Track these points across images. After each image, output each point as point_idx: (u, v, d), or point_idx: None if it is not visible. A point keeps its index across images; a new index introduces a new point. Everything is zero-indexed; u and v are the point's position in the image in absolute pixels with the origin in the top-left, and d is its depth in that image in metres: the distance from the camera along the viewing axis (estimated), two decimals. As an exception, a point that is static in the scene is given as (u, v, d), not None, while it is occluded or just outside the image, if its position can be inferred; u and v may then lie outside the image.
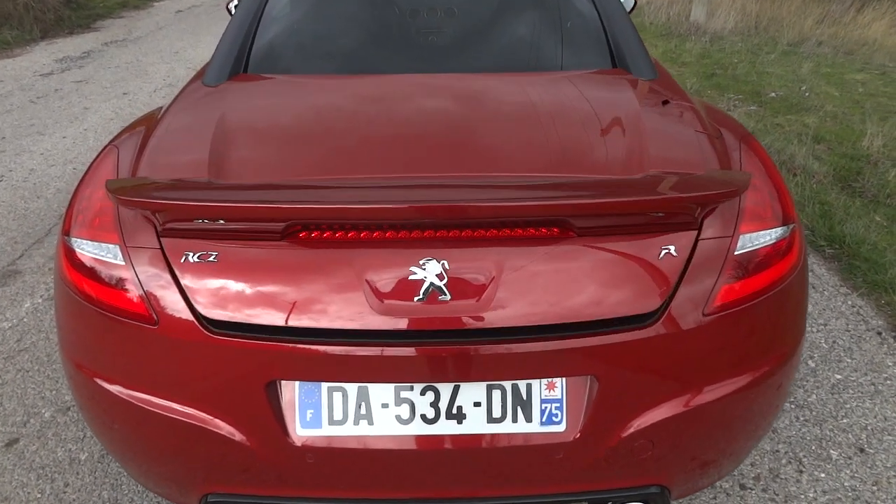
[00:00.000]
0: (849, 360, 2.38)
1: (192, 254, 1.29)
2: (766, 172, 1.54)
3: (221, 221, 1.28)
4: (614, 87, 1.89)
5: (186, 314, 1.28)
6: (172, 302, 1.29)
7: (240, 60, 2.02)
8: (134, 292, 1.32)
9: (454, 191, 1.35)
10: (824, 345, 2.46)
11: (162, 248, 1.31)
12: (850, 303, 2.73)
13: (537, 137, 1.57)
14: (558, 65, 2.05)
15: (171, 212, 1.28)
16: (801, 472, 1.90)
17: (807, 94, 5.58)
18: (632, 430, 1.31)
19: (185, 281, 1.28)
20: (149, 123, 1.77)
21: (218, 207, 1.25)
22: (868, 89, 5.76)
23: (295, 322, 1.25)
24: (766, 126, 4.79)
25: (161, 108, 1.93)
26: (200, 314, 1.27)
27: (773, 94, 5.60)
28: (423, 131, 1.64)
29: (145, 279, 1.31)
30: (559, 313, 1.25)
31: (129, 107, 5.51)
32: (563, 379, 1.29)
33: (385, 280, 1.25)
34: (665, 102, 1.74)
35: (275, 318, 1.25)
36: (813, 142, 4.38)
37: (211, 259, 1.28)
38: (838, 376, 2.29)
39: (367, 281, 1.25)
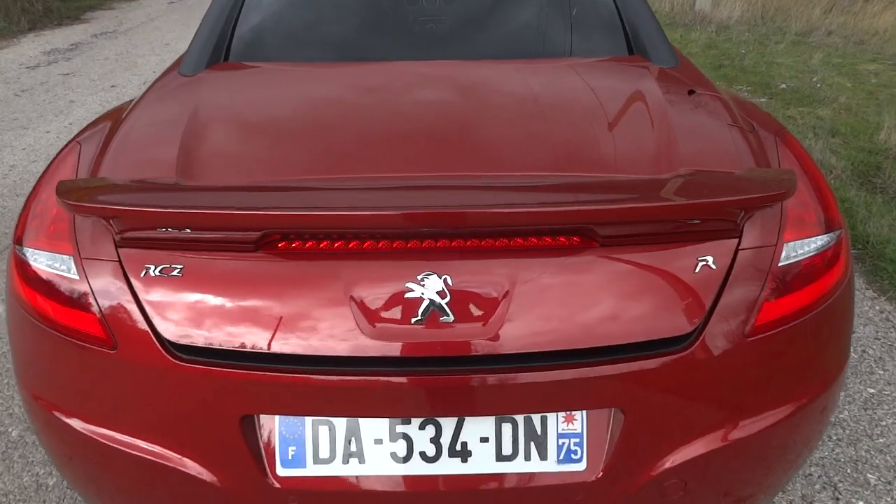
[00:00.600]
0: (881, 372, 2.21)
1: (153, 267, 1.12)
2: (806, 170, 1.38)
3: (187, 230, 1.10)
4: (634, 75, 1.70)
5: (148, 337, 1.11)
6: (132, 323, 1.12)
7: (220, 47, 1.84)
8: (89, 311, 1.15)
9: (458, 194, 1.17)
10: (854, 354, 2.29)
11: (120, 261, 1.14)
12: (877, 308, 2.56)
13: (551, 132, 1.39)
14: (570, 51, 1.87)
15: (128, 218, 1.11)
16: (838, 499, 1.74)
17: (818, 85, 5.40)
18: (662, 468, 1.15)
19: (147, 298, 1.11)
20: (116, 117, 1.59)
21: (182, 214, 1.07)
22: (881, 80, 5.57)
23: (273, 347, 1.08)
24: (779, 118, 4.61)
25: (132, 100, 1.75)
26: (164, 337, 1.10)
27: (783, 86, 5.41)
28: (423, 126, 1.46)
29: (101, 296, 1.14)
30: (579, 337, 1.08)
31: (117, 100, 5.32)
32: (584, 411, 1.12)
33: (378, 298, 1.08)
34: (691, 92, 1.57)
35: (250, 342, 1.08)
36: (828, 135, 4.21)
37: (175, 273, 1.11)
38: (871, 390, 2.13)
39: (356, 300, 1.08)
